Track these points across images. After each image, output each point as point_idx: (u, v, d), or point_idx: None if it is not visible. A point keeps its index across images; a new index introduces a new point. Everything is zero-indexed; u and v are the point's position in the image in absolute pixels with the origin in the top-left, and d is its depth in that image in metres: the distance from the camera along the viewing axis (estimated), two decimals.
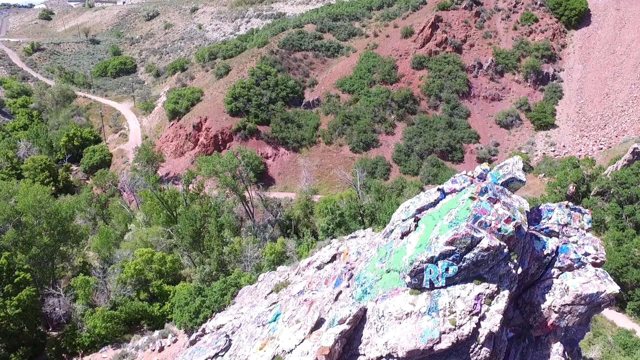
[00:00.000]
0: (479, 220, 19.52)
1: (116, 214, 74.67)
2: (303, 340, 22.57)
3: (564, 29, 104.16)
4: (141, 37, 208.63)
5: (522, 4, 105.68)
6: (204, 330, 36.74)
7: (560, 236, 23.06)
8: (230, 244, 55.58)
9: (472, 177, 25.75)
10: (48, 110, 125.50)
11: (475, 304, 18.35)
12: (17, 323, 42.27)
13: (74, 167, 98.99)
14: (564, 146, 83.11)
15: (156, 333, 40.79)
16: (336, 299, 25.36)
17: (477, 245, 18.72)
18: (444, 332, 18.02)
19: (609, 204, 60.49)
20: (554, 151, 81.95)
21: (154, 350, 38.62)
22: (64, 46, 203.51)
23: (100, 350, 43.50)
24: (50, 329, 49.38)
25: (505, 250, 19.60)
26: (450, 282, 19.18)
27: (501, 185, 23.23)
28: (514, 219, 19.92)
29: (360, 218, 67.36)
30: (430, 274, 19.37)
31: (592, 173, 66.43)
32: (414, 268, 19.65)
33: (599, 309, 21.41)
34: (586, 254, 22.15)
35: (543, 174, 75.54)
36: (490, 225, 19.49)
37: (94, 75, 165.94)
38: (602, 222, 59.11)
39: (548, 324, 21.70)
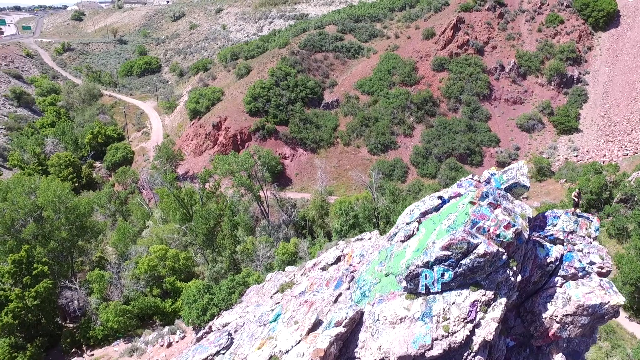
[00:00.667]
0: (477, 226, 19.19)
1: (135, 210, 76.20)
2: (300, 341, 22.60)
3: (591, 31, 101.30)
4: (167, 37, 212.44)
5: (548, 5, 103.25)
6: (210, 327, 37.08)
7: (565, 244, 22.46)
8: (242, 243, 56.04)
9: (479, 181, 25.38)
10: (75, 108, 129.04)
11: (470, 311, 18.04)
12: (34, 314, 43.55)
13: (97, 164, 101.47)
14: (587, 151, 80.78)
15: (165, 329, 41.50)
16: (336, 301, 25.30)
17: (474, 251, 18.42)
18: (436, 339, 17.76)
19: (633, 212, 58.47)
20: (576, 156, 79.77)
21: (162, 345, 39.29)
22: (92, 46, 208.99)
23: (112, 344, 44.47)
24: (67, 321, 50.73)
25: (504, 256, 19.21)
26: (446, 287, 18.90)
27: (504, 190, 22.81)
28: (514, 225, 19.51)
29: (375, 220, 67.03)
30: (426, 278, 19.14)
31: (615, 179, 64.42)
32: (410, 272, 19.46)
33: (602, 321, 20.75)
34: (591, 263, 21.50)
35: (564, 180, 73.64)
36: (488, 230, 19.14)
37: (120, 75, 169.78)
38: (625, 230, 57.21)
39: (549, 334, 21.17)
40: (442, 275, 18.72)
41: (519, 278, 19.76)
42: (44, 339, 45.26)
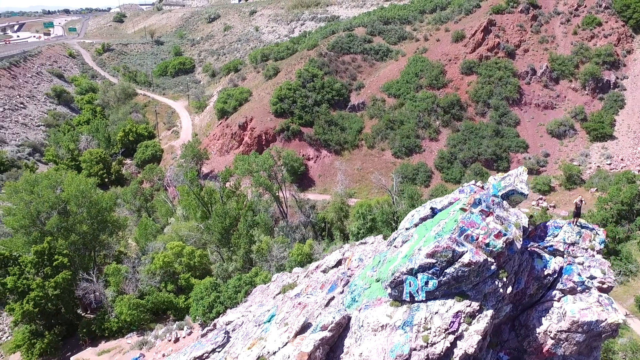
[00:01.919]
0: (465, 233, 18.58)
1: (160, 207, 78.04)
2: (286, 343, 22.54)
3: (631, 34, 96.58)
4: (202, 38, 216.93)
5: (585, 6, 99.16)
6: (215, 325, 37.60)
7: (565, 256, 21.43)
8: (258, 242, 56.41)
9: (482, 187, 24.61)
10: (110, 107, 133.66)
11: (453, 322, 17.45)
12: (54, 303, 45.18)
13: (127, 161, 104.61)
14: (621, 159, 77.05)
15: (175, 324, 42.22)
16: (327, 304, 25.10)
17: (459, 260, 17.81)
18: (414, 349, 17.26)
19: None
20: (609, 164, 76.21)
21: (170, 340, 40.01)
22: (130, 47, 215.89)
23: (126, 336, 45.60)
24: (88, 312, 52.46)
25: (493, 267, 18.50)
26: (431, 296, 18.38)
27: (502, 197, 21.99)
28: (505, 234, 18.76)
29: (393, 224, 66.14)
30: (410, 286, 18.68)
31: None
32: (395, 279, 19.06)
33: (599, 339, 19.65)
34: (592, 277, 20.41)
35: (595, 189, 70.55)
36: (477, 239, 18.49)
37: (155, 75, 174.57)
38: None
39: (543, 350, 20.23)
40: (426, 283, 18.21)
41: (510, 290, 18.97)
42: (62, 327, 46.98)
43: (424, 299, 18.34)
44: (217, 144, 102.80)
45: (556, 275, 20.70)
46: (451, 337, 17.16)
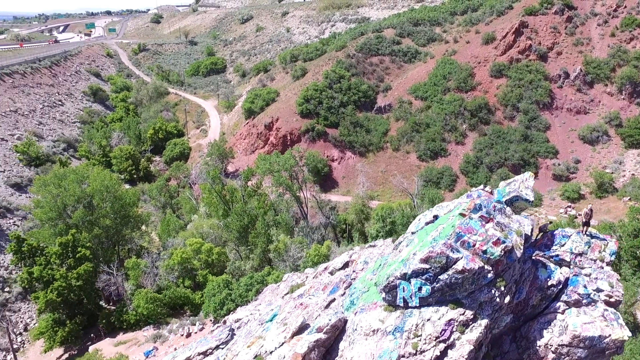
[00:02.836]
0: (461, 239, 18.13)
1: (184, 204, 79.59)
2: (283, 343, 22.57)
3: None
4: (234, 39, 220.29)
5: (625, 7, 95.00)
6: (225, 321, 38.14)
7: (571, 266, 20.57)
8: (275, 242, 56.73)
9: (489, 192, 23.99)
10: (143, 105, 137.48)
11: (444, 330, 17.03)
12: (76, 294, 46.74)
13: (156, 158, 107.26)
14: None
15: (188, 320, 42.99)
16: (328, 306, 25.04)
17: (453, 266, 17.37)
18: (402, 356, 16.94)
19: None
20: None
21: (182, 335, 40.77)
22: (165, 47, 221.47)
23: (143, 329, 46.71)
24: (110, 304, 54.07)
25: (490, 275, 17.97)
26: (424, 302, 18.02)
27: (506, 203, 21.33)
28: (504, 242, 18.18)
29: None
30: (404, 291, 18.38)
31: None
32: (389, 283, 18.80)
33: (602, 356, 18.73)
34: (598, 290, 19.51)
35: (628, 198, 67.52)
36: (474, 245, 18.00)
37: (187, 74, 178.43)
38: None
39: None
40: (420, 289, 17.86)
41: (507, 299, 18.34)
42: (84, 317, 48.58)
43: (417, 305, 18.00)
44: (243, 144, 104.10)
45: (561, 286, 19.91)
46: (442, 346, 16.74)
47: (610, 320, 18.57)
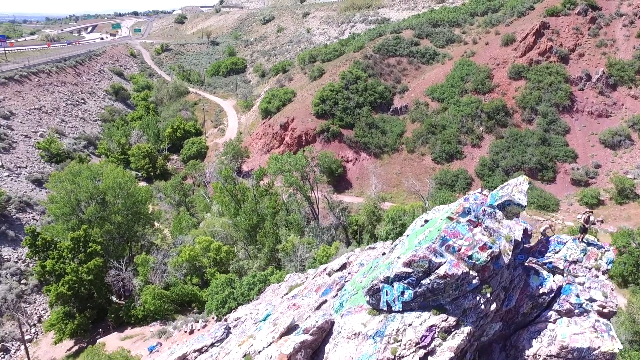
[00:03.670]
0: (446, 244, 17.76)
1: (199, 202, 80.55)
2: (271, 343, 22.58)
3: None
4: (255, 39, 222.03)
5: None
6: (226, 319, 38.40)
7: (565, 274, 19.93)
8: (284, 242, 56.86)
9: (486, 195, 23.50)
10: (163, 104, 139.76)
11: (425, 336, 16.70)
12: (87, 288, 47.75)
13: (174, 156, 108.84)
14: None
15: (192, 317, 43.46)
16: (318, 307, 24.95)
17: (435, 271, 17.02)
18: None
19: None
20: None
21: (185, 332, 41.22)
22: (187, 47, 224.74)
23: (150, 324, 47.44)
24: (122, 299, 55.07)
25: (475, 281, 17.55)
26: (407, 307, 17.73)
27: (498, 207, 20.82)
28: (491, 247, 17.73)
29: None
30: (387, 295, 18.12)
31: None
32: (372, 286, 18.58)
33: None
34: (591, 300, 18.85)
35: None
36: (459, 250, 17.60)
37: (208, 74, 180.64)
38: None
39: None
40: (402, 293, 17.57)
41: (494, 307, 17.86)
42: (93, 311, 49.57)
43: (400, 309, 17.73)
44: (259, 143, 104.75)
45: (553, 294, 19.31)
46: (421, 352, 16.42)
47: (601, 331, 17.91)
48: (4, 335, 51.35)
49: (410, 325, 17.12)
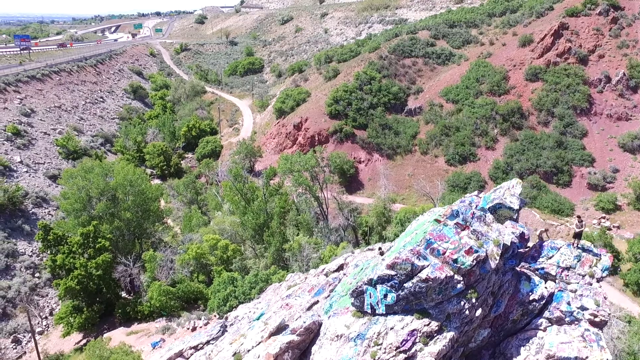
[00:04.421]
0: (431, 247, 17.48)
1: (211, 201, 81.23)
2: (260, 342, 22.62)
3: None
4: (273, 39, 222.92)
5: None
6: (226, 318, 38.61)
7: (557, 281, 19.38)
8: (291, 241, 56.89)
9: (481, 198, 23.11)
10: (180, 103, 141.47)
11: (406, 340, 16.47)
12: (96, 283, 48.58)
13: (188, 155, 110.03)
14: None
15: (195, 314, 43.83)
16: (310, 308, 24.90)
17: (418, 275, 16.76)
18: None
19: None
20: None
21: (188, 329, 41.60)
22: (206, 47, 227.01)
23: (156, 320, 48.03)
24: (131, 294, 55.89)
25: (460, 285, 17.22)
26: (390, 310, 17.54)
27: (489, 210, 20.41)
28: (477, 251, 17.38)
29: None
30: (370, 297, 17.94)
31: None
32: (356, 288, 18.45)
33: None
34: (583, 308, 18.29)
35: None
36: (444, 253, 17.30)
37: (225, 74, 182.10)
38: None
39: None
40: (385, 296, 17.35)
41: (479, 312, 17.45)
42: (102, 306, 50.43)
43: (384, 312, 17.52)
44: (272, 143, 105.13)
45: (544, 301, 18.80)
46: (401, 357, 16.18)
47: (590, 341, 17.36)
48: (16, 326, 52.59)
49: (392, 328, 16.90)
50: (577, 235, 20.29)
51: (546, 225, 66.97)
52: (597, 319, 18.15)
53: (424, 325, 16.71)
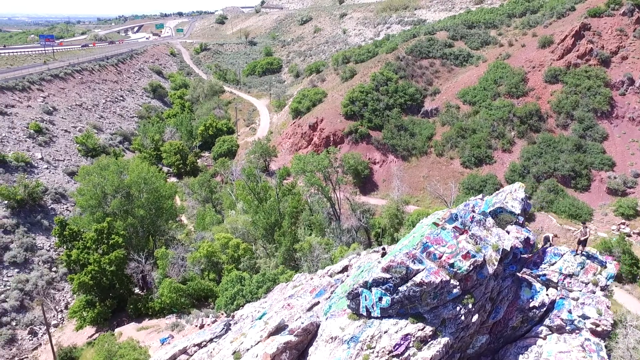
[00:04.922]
0: (427, 250, 17.28)
1: (225, 199, 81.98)
2: (258, 342, 22.75)
3: None
4: (292, 39, 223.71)
5: None
6: (233, 316, 38.94)
7: (559, 288, 18.95)
8: (300, 242, 56.96)
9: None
10: (199, 102, 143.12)
11: (399, 345, 16.33)
12: (109, 278, 49.48)
13: (205, 154, 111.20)
14: None
15: (204, 312, 44.26)
16: (310, 309, 24.94)
17: (412, 278, 16.59)
18: None
19: None
20: None
21: (196, 326, 42.03)
22: (226, 47, 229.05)
23: (166, 317, 48.66)
24: (145, 291, 56.78)
25: (456, 290, 16.99)
26: (385, 313, 17.43)
27: (491, 214, 20.08)
28: (474, 256, 17.12)
29: None
30: (366, 300, 17.84)
31: None
32: (352, 290, 18.38)
33: None
34: (584, 317, 17.85)
35: None
36: (440, 257, 17.10)
37: (244, 73, 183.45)
38: None
39: None
40: (380, 299, 17.24)
41: (476, 318, 17.16)
42: (114, 301, 51.32)
43: (379, 315, 17.40)
44: (288, 143, 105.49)
45: (545, 309, 18.39)
46: None
47: (590, 351, 16.92)
48: (33, 319, 53.94)
49: (386, 332, 16.78)
50: (582, 242, 19.80)
51: (561, 229, 65.64)
52: (598, 329, 17.68)
53: (418, 330, 16.55)
